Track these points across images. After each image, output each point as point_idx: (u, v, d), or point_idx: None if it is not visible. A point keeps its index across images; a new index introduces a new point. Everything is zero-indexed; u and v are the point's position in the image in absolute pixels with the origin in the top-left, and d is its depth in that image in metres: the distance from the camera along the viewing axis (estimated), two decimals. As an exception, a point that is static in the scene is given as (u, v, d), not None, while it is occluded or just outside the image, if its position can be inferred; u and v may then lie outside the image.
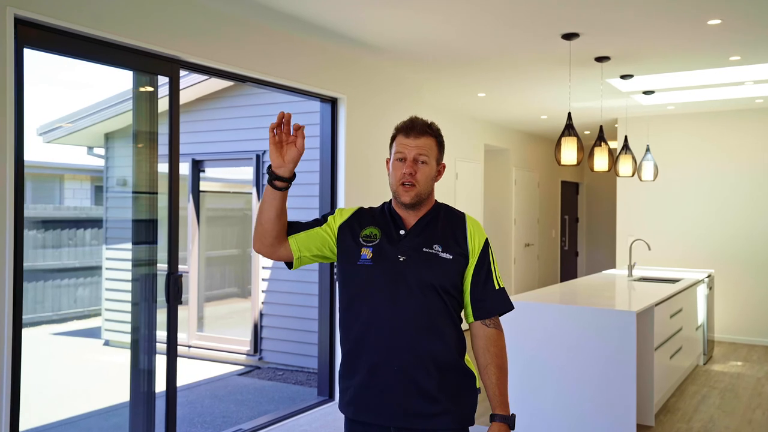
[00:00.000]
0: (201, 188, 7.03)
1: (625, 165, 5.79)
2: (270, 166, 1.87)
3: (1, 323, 2.79)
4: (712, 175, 7.60)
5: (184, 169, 6.98)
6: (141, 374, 3.66)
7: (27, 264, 9.38)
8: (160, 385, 3.66)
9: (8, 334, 2.81)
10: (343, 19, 4.12)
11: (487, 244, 2.03)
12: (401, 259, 1.92)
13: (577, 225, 11.95)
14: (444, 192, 7.49)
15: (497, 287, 2.01)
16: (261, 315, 6.51)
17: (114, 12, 3.25)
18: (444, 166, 2.05)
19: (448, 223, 2.02)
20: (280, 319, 6.40)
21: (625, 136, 6.13)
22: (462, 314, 2.04)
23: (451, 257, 1.95)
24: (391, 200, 2.07)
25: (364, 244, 1.96)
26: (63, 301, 9.71)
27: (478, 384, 2.03)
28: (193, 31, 3.69)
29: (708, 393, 5.49)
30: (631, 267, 6.23)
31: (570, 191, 11.66)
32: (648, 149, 6.55)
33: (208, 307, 7.25)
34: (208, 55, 3.79)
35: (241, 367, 6.54)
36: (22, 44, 2.88)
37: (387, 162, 2.05)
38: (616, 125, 8.19)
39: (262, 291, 6.52)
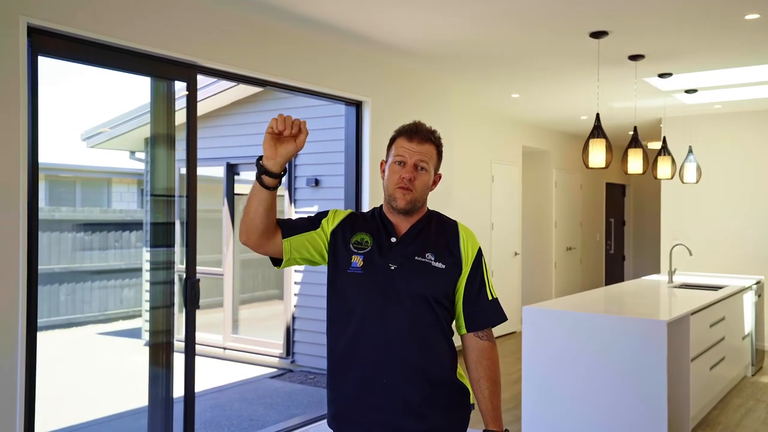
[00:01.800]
0: (236, 191, 7.11)
1: (663, 167, 5.56)
2: (259, 158, 1.77)
3: (15, 327, 2.83)
4: (762, 176, 7.24)
5: (219, 172, 7.06)
6: (160, 378, 3.68)
7: (74, 265, 9.75)
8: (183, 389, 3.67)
9: (22, 338, 2.85)
10: (367, 21, 4.06)
11: (480, 253, 1.96)
12: (392, 268, 1.85)
13: (624, 228, 11.61)
14: (480, 195, 7.36)
15: (491, 298, 1.94)
16: (293, 318, 6.52)
17: (129, 18, 3.27)
18: (440, 177, 1.99)
19: (441, 231, 1.95)
20: (313, 323, 6.39)
21: (664, 137, 5.89)
22: (453, 326, 1.97)
23: (444, 267, 1.88)
24: (381, 206, 2.01)
25: (355, 251, 1.89)
26: (109, 302, 9.98)
27: (473, 399, 1.95)
28: (211, 36, 3.70)
29: (754, 406, 5.22)
30: (671, 273, 5.99)
31: (616, 193, 11.32)
32: (690, 150, 6.28)
33: (243, 310, 7.31)
34: (227, 59, 3.79)
35: (274, 369, 6.56)
36: (37, 52, 2.93)
37: (382, 164, 1.98)
38: (661, 125, 7.90)
39: (295, 294, 6.53)
